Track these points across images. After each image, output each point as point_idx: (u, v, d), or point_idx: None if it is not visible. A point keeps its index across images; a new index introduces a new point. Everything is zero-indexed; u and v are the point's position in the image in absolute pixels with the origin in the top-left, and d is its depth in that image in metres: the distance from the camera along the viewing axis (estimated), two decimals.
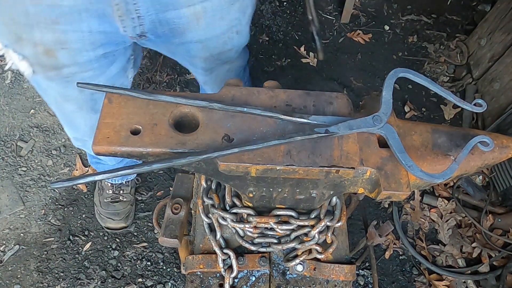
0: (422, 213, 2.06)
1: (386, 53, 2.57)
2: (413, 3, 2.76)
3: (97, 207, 1.99)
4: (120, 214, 1.96)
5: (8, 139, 2.19)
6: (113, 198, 1.96)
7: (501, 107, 2.16)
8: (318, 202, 0.88)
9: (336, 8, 2.72)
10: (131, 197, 2.01)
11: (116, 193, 1.96)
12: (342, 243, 1.00)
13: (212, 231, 0.96)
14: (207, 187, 0.95)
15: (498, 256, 1.94)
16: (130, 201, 1.99)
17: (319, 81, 2.42)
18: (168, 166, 0.69)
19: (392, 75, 0.77)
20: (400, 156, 0.71)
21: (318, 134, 0.73)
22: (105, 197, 1.96)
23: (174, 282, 1.90)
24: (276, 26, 2.63)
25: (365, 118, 0.75)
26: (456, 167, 0.73)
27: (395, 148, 0.73)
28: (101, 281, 1.88)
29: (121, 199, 1.97)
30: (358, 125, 0.74)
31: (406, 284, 1.94)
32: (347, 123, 0.74)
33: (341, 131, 0.73)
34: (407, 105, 2.37)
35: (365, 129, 0.74)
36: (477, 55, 2.41)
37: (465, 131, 0.85)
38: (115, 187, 1.96)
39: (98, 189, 2.01)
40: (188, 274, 0.97)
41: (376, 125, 0.74)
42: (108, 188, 1.96)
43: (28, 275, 1.88)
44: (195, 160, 0.68)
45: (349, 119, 0.75)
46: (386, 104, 0.76)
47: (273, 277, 0.96)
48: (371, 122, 0.74)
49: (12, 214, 2.01)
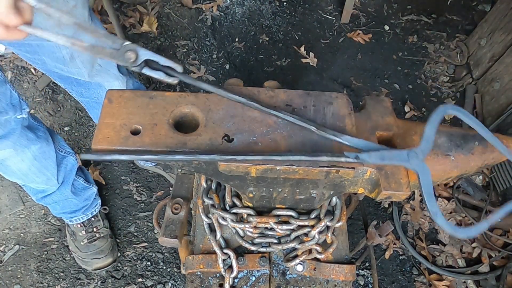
0: (422, 213, 2.06)
1: (386, 53, 2.57)
2: (413, 3, 2.76)
3: (76, 253, 1.86)
4: (104, 250, 1.85)
5: None
6: (89, 238, 1.84)
7: (501, 107, 2.16)
8: (318, 202, 0.88)
9: (336, 8, 2.72)
10: (107, 230, 1.89)
11: (90, 231, 1.84)
12: (342, 243, 1.00)
13: (212, 231, 0.96)
14: (207, 187, 0.95)
15: (498, 256, 1.94)
16: (107, 234, 1.88)
17: (319, 81, 2.42)
18: (191, 159, 0.70)
19: (439, 112, 0.70)
20: (427, 199, 0.67)
21: (347, 159, 0.70)
22: (80, 241, 1.84)
23: (174, 282, 1.90)
24: (276, 26, 2.63)
25: (400, 151, 0.70)
26: (486, 227, 0.67)
27: (425, 189, 0.68)
28: (101, 281, 1.88)
29: (98, 236, 1.85)
30: (390, 158, 0.70)
31: (406, 284, 1.94)
32: (379, 153, 0.70)
33: (372, 161, 0.69)
34: (407, 105, 2.37)
35: (397, 162, 0.70)
36: (477, 55, 2.41)
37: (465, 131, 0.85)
38: (86, 225, 1.84)
39: (70, 236, 1.89)
40: (188, 274, 0.97)
41: (411, 161, 0.69)
42: (79, 230, 1.84)
43: (28, 275, 1.88)
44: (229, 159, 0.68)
45: (382, 149, 0.71)
46: (427, 142, 0.70)
47: (273, 277, 0.96)
48: (406, 157, 0.70)
49: (12, 214, 2.01)
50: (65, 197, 1.72)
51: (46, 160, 1.54)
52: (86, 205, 1.81)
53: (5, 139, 1.30)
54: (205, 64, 2.45)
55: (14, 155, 1.41)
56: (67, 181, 1.69)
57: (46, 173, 1.57)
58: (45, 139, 1.50)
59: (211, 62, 2.47)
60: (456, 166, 0.82)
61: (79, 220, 1.83)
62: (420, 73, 2.51)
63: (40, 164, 1.52)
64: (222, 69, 2.45)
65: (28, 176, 1.53)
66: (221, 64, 2.47)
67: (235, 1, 2.68)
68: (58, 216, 1.86)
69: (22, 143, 1.38)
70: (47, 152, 1.52)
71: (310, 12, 2.70)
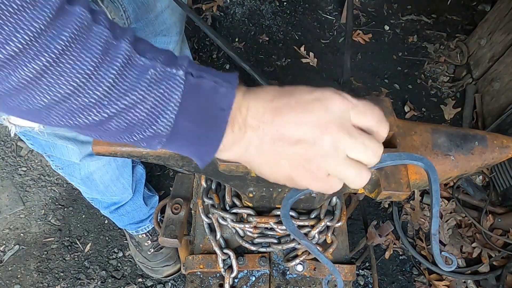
0: (422, 213, 2.06)
1: (386, 53, 2.57)
2: (413, 3, 2.76)
3: (145, 264, 1.86)
4: (172, 256, 1.86)
5: (8, 139, 2.19)
6: (155, 246, 1.83)
7: (501, 107, 2.16)
8: (318, 202, 0.88)
9: (336, 8, 2.71)
10: None
11: (155, 240, 1.84)
12: (342, 243, 1.00)
13: (212, 231, 0.96)
14: (207, 187, 0.95)
15: (498, 256, 1.94)
16: None
17: (319, 81, 2.42)
18: None
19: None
20: (434, 214, 0.66)
21: None
22: (147, 250, 1.84)
23: (174, 282, 1.90)
24: (276, 26, 2.63)
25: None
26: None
27: (434, 197, 0.66)
28: (101, 281, 1.88)
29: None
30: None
31: (406, 284, 1.94)
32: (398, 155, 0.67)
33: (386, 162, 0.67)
34: (407, 105, 2.37)
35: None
36: (477, 55, 2.41)
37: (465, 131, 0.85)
38: (151, 235, 1.84)
39: (134, 247, 1.88)
40: (188, 274, 0.97)
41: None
42: (145, 240, 1.84)
43: (28, 275, 1.88)
44: None
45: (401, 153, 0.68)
46: None
47: (273, 277, 0.96)
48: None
49: (12, 214, 2.01)
50: (138, 206, 1.72)
51: (124, 169, 1.54)
52: (151, 214, 1.81)
53: None
54: (205, 64, 2.45)
55: (101, 167, 1.42)
56: (138, 190, 1.71)
57: (124, 183, 1.58)
58: None
59: (211, 62, 2.47)
60: (456, 166, 0.82)
61: (145, 230, 1.82)
62: (420, 73, 2.51)
63: (120, 174, 1.53)
64: (222, 69, 2.45)
65: (109, 188, 1.53)
66: (221, 64, 2.47)
67: (235, 1, 2.68)
68: (123, 227, 1.86)
69: None
70: (125, 161, 1.53)
71: (310, 12, 2.70)
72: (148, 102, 0.52)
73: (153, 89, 0.52)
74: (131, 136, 0.55)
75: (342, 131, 0.56)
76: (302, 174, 0.59)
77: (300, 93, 0.59)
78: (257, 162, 0.60)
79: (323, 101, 0.57)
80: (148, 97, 0.52)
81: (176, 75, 0.53)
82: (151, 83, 0.51)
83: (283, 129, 0.56)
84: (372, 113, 0.59)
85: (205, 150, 0.58)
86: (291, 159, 0.57)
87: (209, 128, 0.55)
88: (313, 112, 0.56)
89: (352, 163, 0.57)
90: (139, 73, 0.51)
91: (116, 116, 0.52)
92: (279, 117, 0.56)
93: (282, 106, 0.57)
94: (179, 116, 0.53)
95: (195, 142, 0.56)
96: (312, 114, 0.56)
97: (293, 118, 0.56)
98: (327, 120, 0.56)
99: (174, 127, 0.54)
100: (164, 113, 0.53)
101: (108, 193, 1.57)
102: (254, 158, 0.59)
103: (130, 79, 0.50)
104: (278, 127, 0.56)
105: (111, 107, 0.51)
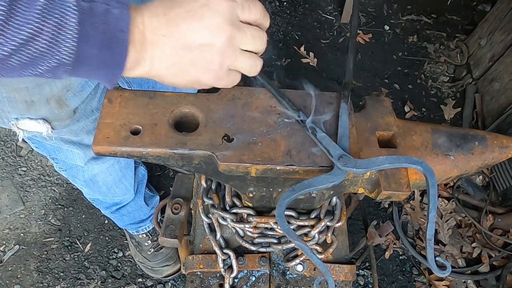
0: (422, 213, 2.06)
1: (386, 53, 2.57)
2: (413, 3, 2.76)
3: (145, 263, 1.86)
4: (172, 256, 1.86)
5: (8, 139, 2.19)
6: (155, 246, 1.83)
7: (501, 107, 2.16)
8: (318, 202, 0.88)
9: (336, 8, 2.71)
10: None
11: (155, 240, 1.83)
12: (342, 243, 1.00)
13: (212, 231, 0.96)
14: (207, 187, 0.95)
15: (498, 256, 1.94)
16: None
17: (319, 81, 2.41)
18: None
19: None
20: (430, 219, 0.66)
21: None
22: (147, 250, 1.84)
23: (174, 282, 1.90)
24: (276, 26, 2.63)
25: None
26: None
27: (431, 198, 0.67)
28: (101, 281, 1.88)
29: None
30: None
31: (406, 284, 1.94)
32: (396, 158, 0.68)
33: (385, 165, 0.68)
34: (407, 105, 2.37)
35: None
36: (477, 55, 2.41)
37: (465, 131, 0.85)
38: (151, 235, 1.83)
39: (135, 247, 1.87)
40: (188, 274, 0.97)
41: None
42: (145, 240, 1.83)
43: (28, 275, 1.88)
44: None
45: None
46: None
47: (273, 277, 0.96)
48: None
49: (12, 214, 2.01)
50: (139, 206, 1.72)
51: (126, 171, 1.54)
52: (152, 214, 1.81)
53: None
54: None
55: (104, 170, 1.42)
56: (140, 190, 1.71)
57: (126, 184, 1.58)
58: None
59: None
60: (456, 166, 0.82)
61: (145, 230, 1.82)
62: (420, 73, 2.51)
63: (122, 176, 1.53)
64: None
65: (111, 189, 1.53)
66: None
67: None
68: (123, 227, 1.86)
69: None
70: (128, 163, 1.53)
71: (310, 12, 2.70)
72: (45, 33, 0.52)
73: (47, 19, 0.51)
74: (35, 69, 0.55)
75: (233, 28, 0.63)
76: (207, 75, 0.65)
77: (188, 2, 0.62)
78: (164, 74, 0.64)
79: (210, 5, 0.62)
80: (44, 28, 0.51)
81: (67, 1, 0.52)
82: (44, 13, 0.51)
83: (181, 38, 0.61)
84: (255, 8, 0.67)
85: (112, 73, 0.60)
86: (195, 63, 0.63)
87: (112, 51, 0.57)
88: (204, 17, 0.61)
89: (246, 54, 0.67)
90: (28, 5, 0.50)
91: (16, 52, 0.51)
92: (174, 28, 0.61)
93: (174, 17, 0.61)
94: (80, 43, 0.54)
95: (101, 65, 0.58)
96: (203, 20, 0.61)
97: (188, 27, 0.61)
98: (217, 22, 0.61)
99: (77, 53, 0.55)
100: (65, 42, 0.53)
101: (110, 194, 1.57)
102: (160, 71, 0.64)
103: (21, 13, 0.50)
104: (176, 37, 0.61)
105: (8, 44, 0.50)
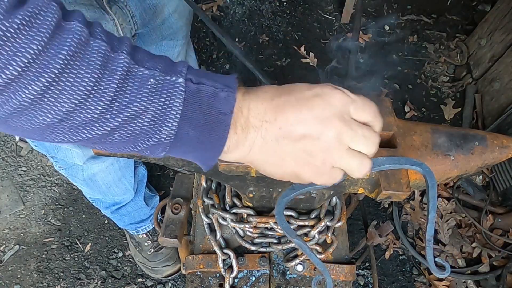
0: (422, 213, 2.06)
1: (386, 53, 2.57)
2: (413, 3, 2.76)
3: (145, 264, 1.86)
4: (172, 256, 1.86)
5: (8, 139, 2.19)
6: (155, 246, 1.83)
7: (501, 107, 2.16)
8: (318, 202, 0.88)
9: (336, 8, 2.71)
10: None
11: (155, 240, 1.83)
12: (342, 243, 1.00)
13: (212, 231, 0.96)
14: (207, 187, 0.95)
15: (498, 256, 1.94)
16: None
17: (319, 81, 2.42)
18: None
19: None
20: (430, 220, 0.66)
21: None
22: (147, 250, 1.84)
23: (174, 282, 1.90)
24: (276, 26, 2.63)
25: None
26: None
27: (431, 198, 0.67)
28: (101, 281, 1.88)
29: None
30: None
31: (406, 284, 1.94)
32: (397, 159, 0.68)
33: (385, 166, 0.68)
34: (407, 105, 2.37)
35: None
36: (477, 55, 2.41)
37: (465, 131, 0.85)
38: (151, 235, 1.83)
39: (134, 247, 1.88)
40: (188, 274, 0.97)
41: None
42: (145, 240, 1.83)
43: (28, 275, 1.88)
44: None
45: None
46: None
47: (273, 277, 0.96)
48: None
49: (12, 214, 2.01)
50: (139, 206, 1.72)
51: (126, 170, 1.54)
52: (152, 214, 1.81)
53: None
54: (205, 64, 2.45)
55: (104, 169, 1.42)
56: (140, 190, 1.71)
57: (126, 184, 1.58)
58: None
59: (211, 62, 2.47)
60: (456, 166, 0.82)
61: (145, 230, 1.82)
62: (420, 73, 2.51)
63: (122, 175, 1.52)
64: (222, 69, 2.45)
65: (111, 188, 1.53)
66: (221, 64, 2.47)
67: (235, 1, 2.68)
68: (123, 227, 1.86)
69: None
70: (127, 163, 1.53)
71: (310, 12, 2.69)
72: (150, 112, 0.51)
73: (154, 98, 0.51)
74: (135, 146, 0.54)
75: (344, 125, 0.57)
76: (307, 169, 0.59)
77: (299, 90, 0.59)
78: (261, 161, 0.60)
79: (323, 96, 0.58)
80: (149, 107, 0.51)
81: (176, 82, 0.52)
82: (152, 92, 0.51)
83: (286, 126, 0.57)
84: (369, 108, 0.61)
85: (208, 155, 0.58)
86: (296, 155, 0.58)
87: (212, 133, 0.55)
88: (314, 108, 0.57)
89: (355, 153, 0.59)
90: (139, 84, 0.51)
91: (119, 128, 0.51)
92: (281, 115, 0.57)
93: (283, 104, 0.57)
94: (182, 124, 0.53)
95: (199, 147, 0.56)
96: (313, 110, 0.57)
97: (295, 115, 0.57)
98: (328, 115, 0.57)
99: (177, 134, 0.54)
100: (167, 122, 0.52)
101: (110, 193, 1.57)
102: (258, 157, 0.60)
103: (131, 91, 0.50)
104: (281, 124, 0.57)
105: (113, 120, 0.50)
